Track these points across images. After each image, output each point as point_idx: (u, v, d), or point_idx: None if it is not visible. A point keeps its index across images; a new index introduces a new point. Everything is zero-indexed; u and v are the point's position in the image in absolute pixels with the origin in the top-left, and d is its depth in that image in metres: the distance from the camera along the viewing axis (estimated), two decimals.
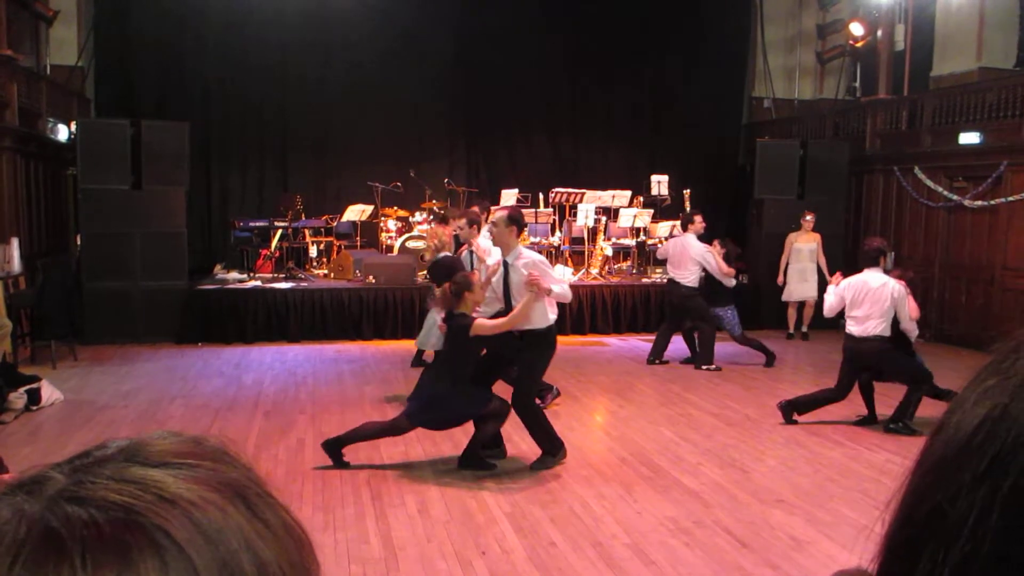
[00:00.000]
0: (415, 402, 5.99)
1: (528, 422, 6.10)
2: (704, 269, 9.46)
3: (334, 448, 5.97)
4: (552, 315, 6.11)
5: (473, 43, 14.46)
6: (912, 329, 7.17)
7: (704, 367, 9.45)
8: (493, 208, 10.06)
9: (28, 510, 0.44)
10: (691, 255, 9.48)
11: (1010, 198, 10.56)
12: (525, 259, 6.10)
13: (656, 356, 9.77)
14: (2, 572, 0.41)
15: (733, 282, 9.69)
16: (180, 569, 0.43)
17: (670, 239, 10.65)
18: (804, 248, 11.34)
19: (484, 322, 5.82)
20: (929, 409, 7.06)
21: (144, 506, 0.45)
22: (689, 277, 9.49)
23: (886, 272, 7.30)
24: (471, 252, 7.54)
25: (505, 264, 6.23)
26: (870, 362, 7.21)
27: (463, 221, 7.75)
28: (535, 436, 6.14)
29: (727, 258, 9.57)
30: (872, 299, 6.99)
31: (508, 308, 6.12)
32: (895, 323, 7.07)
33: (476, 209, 8.71)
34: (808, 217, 11.42)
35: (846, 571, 0.71)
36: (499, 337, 5.90)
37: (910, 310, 7.03)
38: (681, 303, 9.68)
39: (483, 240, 7.46)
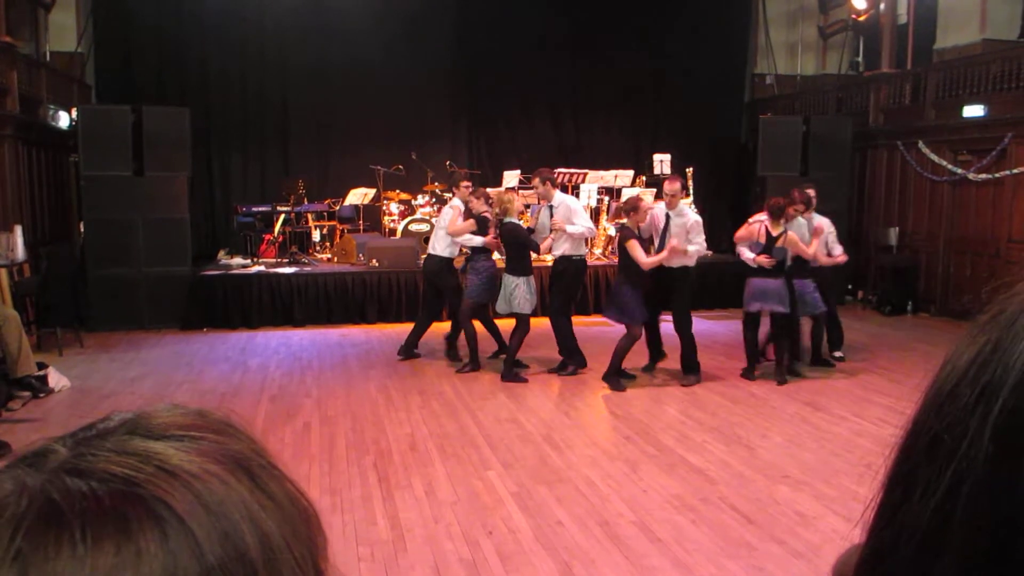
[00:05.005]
0: None
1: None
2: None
3: (614, 378, 7.70)
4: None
5: (474, 24, 14.38)
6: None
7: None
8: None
9: (29, 483, 0.44)
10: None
11: (1015, 170, 10.50)
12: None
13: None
14: (3, 544, 0.41)
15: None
16: (180, 541, 0.43)
17: None
18: None
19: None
20: None
21: (144, 478, 0.45)
22: None
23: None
24: (550, 208, 8.16)
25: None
26: None
27: (536, 180, 8.19)
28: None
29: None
30: None
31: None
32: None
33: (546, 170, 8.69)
34: None
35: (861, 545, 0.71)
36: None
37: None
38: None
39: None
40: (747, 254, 7.77)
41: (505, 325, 8.45)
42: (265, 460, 0.51)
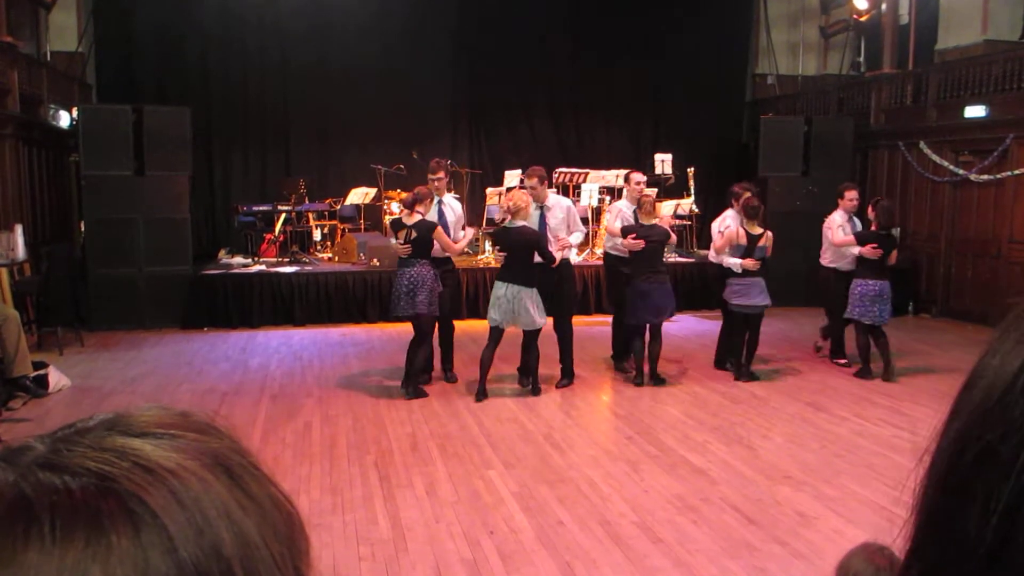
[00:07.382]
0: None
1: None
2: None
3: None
4: None
5: (474, 23, 14.39)
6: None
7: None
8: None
9: (1, 478, 0.45)
10: None
11: (1016, 171, 10.49)
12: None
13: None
14: None
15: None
16: (153, 536, 0.43)
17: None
18: None
19: None
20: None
21: (119, 473, 0.45)
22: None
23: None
24: (541, 208, 7.71)
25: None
26: None
27: (535, 179, 7.61)
28: None
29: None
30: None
31: None
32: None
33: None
34: None
35: (868, 545, 0.70)
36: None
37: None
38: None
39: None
40: (732, 260, 7.79)
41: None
42: (247, 461, 0.51)
